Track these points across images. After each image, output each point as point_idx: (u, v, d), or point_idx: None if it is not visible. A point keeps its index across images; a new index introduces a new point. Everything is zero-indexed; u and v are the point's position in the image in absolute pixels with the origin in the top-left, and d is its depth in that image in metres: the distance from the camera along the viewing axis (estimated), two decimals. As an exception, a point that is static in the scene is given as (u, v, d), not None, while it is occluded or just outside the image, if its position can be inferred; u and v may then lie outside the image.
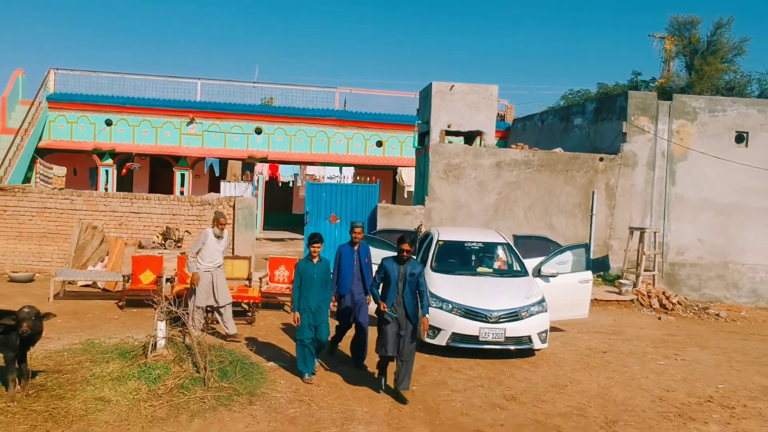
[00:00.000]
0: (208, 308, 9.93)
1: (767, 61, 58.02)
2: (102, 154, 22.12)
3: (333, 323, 8.74)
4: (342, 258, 8.78)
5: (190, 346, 7.75)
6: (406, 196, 22.45)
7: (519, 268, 10.81)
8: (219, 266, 9.77)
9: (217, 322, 10.04)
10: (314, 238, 8.18)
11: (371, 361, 8.54)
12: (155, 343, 7.76)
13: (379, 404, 7.47)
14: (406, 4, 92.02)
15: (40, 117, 21.66)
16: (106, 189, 21.97)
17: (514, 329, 9.38)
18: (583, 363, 9.72)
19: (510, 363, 9.41)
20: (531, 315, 9.52)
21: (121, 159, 22.48)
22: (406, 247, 7.61)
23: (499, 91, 15.83)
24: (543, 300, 9.80)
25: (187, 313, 8.81)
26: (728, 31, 32.91)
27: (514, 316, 9.43)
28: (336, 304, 8.90)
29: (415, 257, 8.84)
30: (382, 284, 7.75)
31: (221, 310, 9.71)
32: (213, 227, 9.75)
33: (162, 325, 7.76)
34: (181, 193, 22.28)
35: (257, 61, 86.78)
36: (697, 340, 11.72)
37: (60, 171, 20.85)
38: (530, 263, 11.03)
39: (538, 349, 9.76)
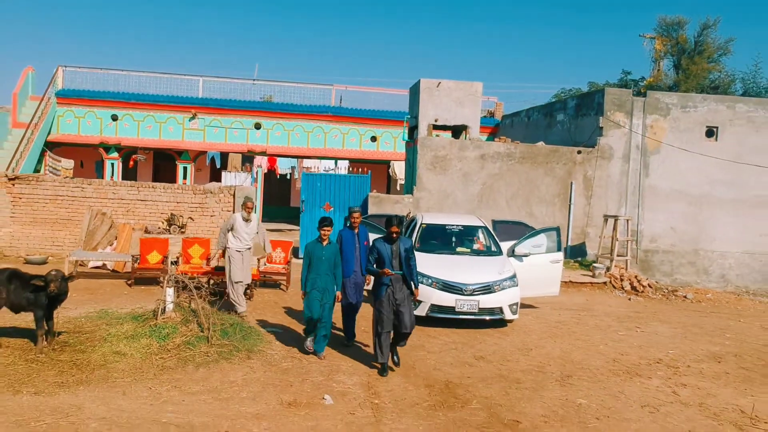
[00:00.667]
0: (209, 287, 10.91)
1: (751, 61, 58.48)
2: (108, 148, 23.11)
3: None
4: (343, 242, 9.08)
5: (195, 310, 8.74)
6: (398, 188, 23.39)
7: (494, 249, 11.81)
8: (248, 248, 10.58)
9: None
10: (324, 222, 8.52)
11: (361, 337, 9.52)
12: (164, 307, 8.76)
13: (360, 362, 8.48)
14: (403, 4, 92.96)
15: (49, 112, 22.63)
16: (112, 180, 22.90)
17: (487, 301, 10.40)
18: (550, 333, 10.73)
19: (483, 332, 10.42)
20: (503, 289, 10.53)
21: (126, 152, 23.46)
22: (394, 229, 8.13)
23: (492, 89, 17.22)
24: (514, 276, 10.80)
25: (192, 283, 9.79)
26: (714, 32, 33.81)
27: (487, 289, 10.43)
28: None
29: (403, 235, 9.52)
30: (375, 264, 8.17)
31: (238, 285, 10.49)
32: (241, 211, 10.55)
33: (170, 291, 8.76)
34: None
35: (257, 60, 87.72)
36: (659, 316, 12.73)
37: (68, 164, 21.84)
38: (508, 245, 12.04)
39: (509, 320, 10.78)
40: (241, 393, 7.02)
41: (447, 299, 10.36)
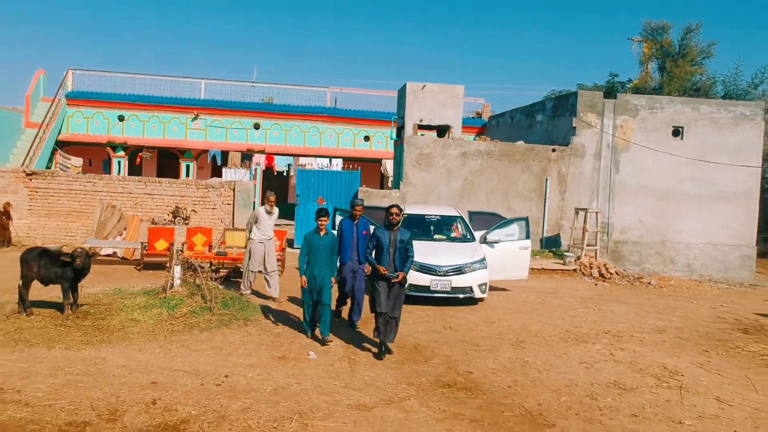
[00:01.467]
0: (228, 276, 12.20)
1: (732, 64, 59.60)
2: (115, 147, 24.42)
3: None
4: (343, 231, 9.75)
5: (200, 285, 10.05)
6: (390, 185, 24.67)
7: (468, 236, 13.11)
8: (270, 239, 11.50)
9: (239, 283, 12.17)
10: (321, 213, 9.08)
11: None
12: (172, 283, 10.07)
13: (343, 330, 9.77)
14: (398, 7, 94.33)
15: (59, 113, 23.94)
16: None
17: (458, 281, 11.70)
18: (515, 310, 12.03)
19: (455, 308, 11.72)
20: (473, 270, 11.83)
21: (133, 151, 24.78)
22: (395, 210, 8.52)
23: (487, 90, 18.46)
24: (483, 259, 12.10)
25: (201, 267, 11.09)
26: (697, 36, 35.07)
27: (458, 270, 11.74)
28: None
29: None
30: (374, 251, 8.53)
31: (269, 275, 11.45)
32: (263, 205, 11.45)
33: (178, 269, 10.07)
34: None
35: (256, 62, 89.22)
36: (619, 298, 14.02)
37: (77, 161, 23.18)
38: (481, 233, 13.34)
39: (479, 298, 12.08)
40: (239, 350, 8.32)
41: (423, 279, 11.65)
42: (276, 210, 11.58)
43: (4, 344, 8.00)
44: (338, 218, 12.42)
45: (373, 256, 8.54)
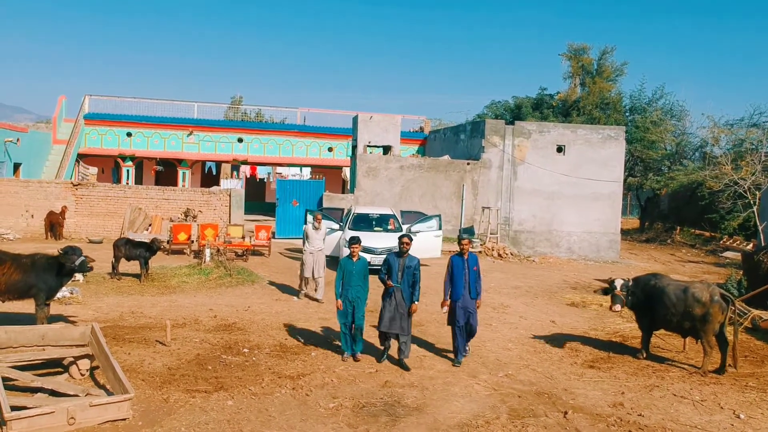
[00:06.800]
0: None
1: (638, 81, 66.75)
2: (124, 158, 30.00)
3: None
4: (453, 267, 9.90)
5: (222, 262, 15.94)
6: (350, 188, 30.71)
7: (398, 227, 19.16)
8: (320, 250, 14.01)
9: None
10: (353, 241, 9.89)
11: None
12: (205, 260, 15.96)
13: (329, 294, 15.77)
14: (352, 31, 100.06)
15: (80, 131, 29.44)
16: (127, 183, 29.80)
17: (388, 258, 17.69)
18: (426, 276, 18.07)
19: (386, 276, 17.73)
20: (398, 251, 17.81)
21: (139, 162, 30.39)
22: (405, 240, 9.59)
23: (440, 99, 24.60)
24: (406, 243, 18.13)
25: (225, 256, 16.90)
26: (612, 57, 41.54)
27: (389, 251, 17.71)
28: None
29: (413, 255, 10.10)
30: (387, 273, 9.58)
31: (317, 281, 14.02)
32: (312, 222, 14.29)
33: (209, 251, 15.96)
34: (183, 186, 30.26)
35: (238, 87, 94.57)
36: (504, 270, 20.22)
37: (93, 170, 28.75)
38: (407, 227, 19.38)
39: (403, 270, 18.10)
40: (252, 297, 14.22)
41: (366, 257, 17.60)
42: (323, 226, 14.23)
43: (115, 293, 13.82)
44: (309, 217, 18.39)
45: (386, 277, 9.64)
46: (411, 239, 9.83)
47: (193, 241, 19.98)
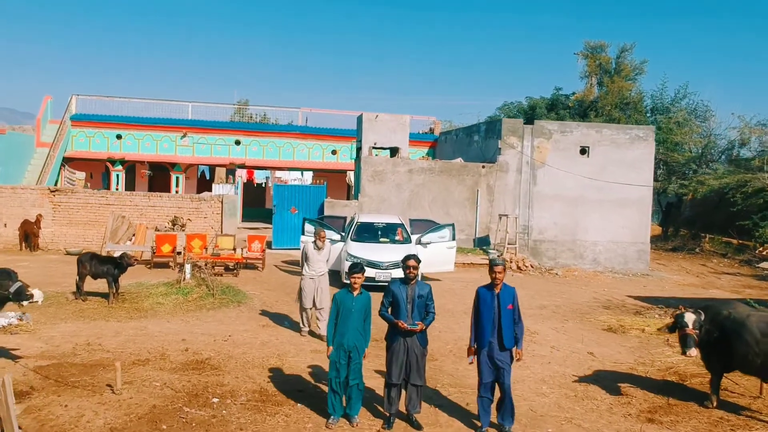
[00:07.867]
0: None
1: (659, 81, 64.79)
2: (114, 162, 28.05)
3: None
4: (480, 303, 7.59)
5: (205, 279, 13.90)
6: (354, 194, 28.67)
7: (406, 238, 17.08)
8: (322, 274, 11.23)
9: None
10: (355, 269, 7.58)
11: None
12: (184, 277, 13.91)
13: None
14: (358, 32, 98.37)
15: (65, 133, 27.54)
16: (117, 189, 27.87)
17: (396, 273, 15.60)
18: (439, 293, 15.81)
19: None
20: (407, 265, 15.75)
21: (129, 165, 28.44)
22: (412, 263, 7.54)
23: (451, 101, 22.14)
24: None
25: (211, 270, 14.86)
26: (630, 55, 39.45)
27: (396, 265, 15.67)
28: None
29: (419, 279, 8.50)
30: (390, 309, 7.52)
31: (319, 312, 11.29)
32: (312, 240, 11.40)
33: (188, 266, 13.92)
34: (177, 192, 28.30)
35: (236, 86, 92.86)
36: (525, 285, 18.09)
37: (80, 175, 26.80)
38: (417, 237, 17.30)
39: (412, 286, 16.03)
40: (235, 321, 12.18)
41: (370, 272, 15.52)
42: (328, 245, 11.37)
43: (75, 318, 11.81)
44: (307, 226, 16.32)
45: (390, 312, 7.54)
46: (419, 261, 7.77)
47: (179, 254, 17.97)
